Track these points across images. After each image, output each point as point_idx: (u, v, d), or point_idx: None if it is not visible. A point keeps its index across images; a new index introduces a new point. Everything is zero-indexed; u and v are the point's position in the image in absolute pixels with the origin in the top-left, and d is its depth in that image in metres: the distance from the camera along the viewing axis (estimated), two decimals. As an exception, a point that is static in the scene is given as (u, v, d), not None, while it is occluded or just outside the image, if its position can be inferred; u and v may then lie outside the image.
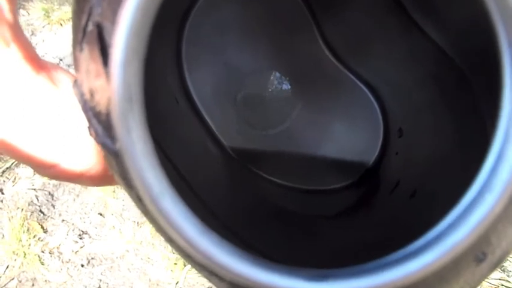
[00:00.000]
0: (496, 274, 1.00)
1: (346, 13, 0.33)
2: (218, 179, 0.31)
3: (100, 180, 0.20)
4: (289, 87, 0.35)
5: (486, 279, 0.99)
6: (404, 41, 0.30)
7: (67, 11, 1.36)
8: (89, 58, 0.14)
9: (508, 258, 1.04)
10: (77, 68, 0.16)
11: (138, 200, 0.14)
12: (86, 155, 0.18)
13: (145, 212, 0.15)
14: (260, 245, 0.20)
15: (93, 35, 0.14)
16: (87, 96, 0.15)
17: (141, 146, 0.12)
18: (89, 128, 0.15)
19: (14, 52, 0.17)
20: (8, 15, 0.17)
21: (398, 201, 0.28)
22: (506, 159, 0.12)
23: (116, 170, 0.15)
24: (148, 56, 0.13)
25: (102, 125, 0.14)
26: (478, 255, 0.15)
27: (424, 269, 0.12)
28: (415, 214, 0.25)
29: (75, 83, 0.16)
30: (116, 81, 0.11)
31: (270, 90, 0.35)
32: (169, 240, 0.15)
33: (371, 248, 0.19)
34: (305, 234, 0.28)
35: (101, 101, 0.14)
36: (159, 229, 0.15)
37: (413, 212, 0.26)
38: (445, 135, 0.27)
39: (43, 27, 1.33)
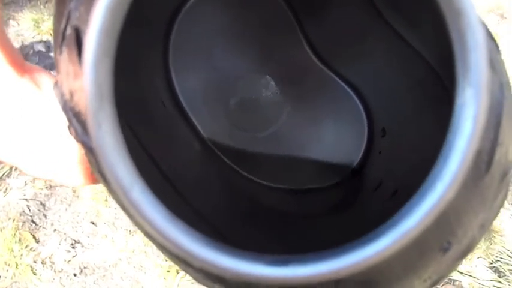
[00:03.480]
0: (488, 275, 1.01)
1: (329, 18, 0.34)
2: (206, 181, 0.32)
3: (85, 179, 0.21)
4: (277, 90, 0.36)
5: (478, 281, 0.99)
6: (385, 44, 0.31)
7: (57, 21, 1.36)
8: (68, 60, 0.15)
9: (499, 259, 1.04)
10: (57, 70, 0.16)
11: (114, 194, 0.15)
12: (66, 155, 0.19)
13: (121, 205, 0.15)
14: (245, 243, 0.21)
15: (71, 38, 0.15)
16: (67, 96, 0.15)
17: (111, 140, 0.12)
18: (69, 127, 0.16)
19: None
20: None
21: (381, 199, 0.29)
22: (456, 150, 0.13)
23: (94, 166, 0.15)
24: (135, 59, 0.13)
25: (81, 124, 0.15)
26: (443, 244, 0.15)
27: (380, 252, 0.13)
28: (395, 212, 0.26)
29: (56, 84, 0.16)
30: (88, 80, 0.12)
31: (257, 93, 0.36)
32: (146, 233, 0.15)
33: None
34: (289, 233, 0.29)
35: (79, 101, 0.14)
36: (136, 223, 0.15)
37: (395, 209, 0.26)
38: (426, 136, 0.27)
39: (33, 37, 1.33)
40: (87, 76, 0.12)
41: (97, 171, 0.16)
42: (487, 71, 0.12)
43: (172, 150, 0.31)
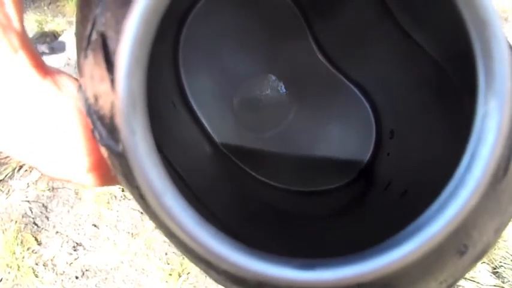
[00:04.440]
0: (491, 280, 1.01)
1: (338, 18, 0.34)
2: (214, 180, 0.32)
3: (102, 181, 0.21)
4: (284, 90, 0.36)
5: (481, 286, 0.99)
6: (395, 45, 0.31)
7: (60, 22, 1.37)
8: (93, 64, 0.15)
9: (503, 264, 1.04)
10: (81, 74, 0.16)
11: (140, 198, 0.15)
12: (86, 159, 0.19)
13: (147, 209, 0.15)
14: (256, 244, 0.21)
15: (97, 43, 0.15)
16: (92, 100, 0.16)
17: (144, 147, 0.13)
18: (93, 130, 0.16)
19: (22, 59, 0.18)
20: (16, 24, 0.18)
21: (389, 200, 0.29)
22: (479, 158, 0.13)
23: (119, 170, 0.16)
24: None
25: (106, 127, 0.15)
26: (460, 247, 0.16)
27: (404, 257, 0.13)
28: (405, 213, 0.26)
29: (80, 88, 0.17)
30: (121, 89, 0.12)
31: (265, 93, 0.36)
32: (170, 234, 0.16)
33: (361, 246, 0.20)
34: (299, 234, 0.29)
35: (104, 105, 0.15)
36: (160, 225, 0.16)
37: (403, 211, 0.26)
38: (436, 137, 0.27)
39: (36, 39, 1.33)
40: (120, 84, 0.12)
41: (121, 175, 0.16)
42: (511, 81, 0.12)
43: (183, 150, 0.31)
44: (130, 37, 0.12)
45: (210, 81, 0.34)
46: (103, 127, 0.15)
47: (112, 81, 0.14)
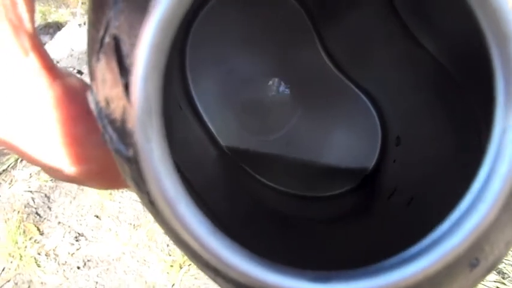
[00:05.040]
0: (492, 276, 1.01)
1: (345, 22, 0.34)
2: (218, 182, 0.32)
3: (108, 183, 0.21)
4: (289, 94, 0.36)
5: (482, 282, 1.00)
6: (402, 51, 0.31)
7: (64, 13, 1.36)
8: (105, 68, 0.15)
9: (503, 260, 1.05)
10: (92, 77, 0.16)
11: (150, 204, 0.15)
12: (92, 160, 0.19)
13: (156, 214, 0.15)
14: (258, 247, 0.21)
15: (110, 47, 0.14)
16: (103, 104, 0.15)
17: (159, 154, 0.13)
18: (103, 134, 0.16)
19: (33, 61, 0.17)
20: (27, 24, 0.17)
21: (395, 208, 0.29)
22: (498, 173, 0.13)
23: (128, 174, 0.15)
24: None
25: (116, 132, 0.15)
26: (471, 261, 0.16)
27: (420, 273, 0.13)
28: (412, 221, 0.26)
29: (91, 91, 0.16)
30: (137, 95, 0.12)
31: (270, 97, 0.36)
32: (178, 241, 0.15)
33: (367, 253, 0.20)
34: (302, 240, 0.29)
35: (116, 109, 0.14)
36: (169, 231, 0.15)
37: (410, 219, 0.26)
38: (442, 145, 0.27)
39: (40, 29, 1.33)
40: (136, 91, 0.12)
41: (131, 180, 0.16)
42: None
43: (188, 152, 0.31)
44: (147, 43, 0.12)
45: (216, 84, 0.34)
46: (114, 131, 0.15)
47: (124, 86, 0.14)
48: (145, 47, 0.12)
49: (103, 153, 0.18)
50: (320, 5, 0.35)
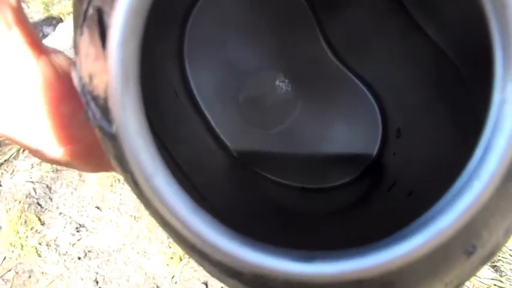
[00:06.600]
0: (489, 274, 1.01)
1: (348, 13, 0.34)
2: (219, 176, 0.32)
3: (94, 164, 0.20)
4: (290, 86, 0.35)
5: (479, 279, 0.99)
6: (404, 41, 0.31)
7: (67, 4, 1.36)
8: (88, 41, 0.15)
9: (501, 258, 1.04)
10: (76, 52, 0.16)
11: (134, 184, 0.14)
12: (84, 141, 0.19)
13: (141, 195, 0.15)
14: (256, 238, 0.21)
15: (93, 19, 0.14)
16: (86, 79, 0.15)
17: (135, 124, 0.12)
18: (86, 111, 0.15)
19: (16, 36, 0.17)
20: None
21: (395, 199, 0.28)
22: (495, 146, 0.12)
23: (112, 153, 0.15)
24: (148, 50, 0.13)
25: (99, 108, 0.14)
26: (468, 248, 0.15)
27: (411, 252, 0.12)
28: (411, 213, 0.26)
29: (74, 66, 0.16)
30: (113, 60, 0.12)
31: (271, 89, 0.36)
32: (164, 223, 0.15)
33: (363, 241, 0.20)
34: (304, 231, 0.29)
35: (99, 85, 0.14)
36: (154, 212, 0.15)
37: (409, 211, 0.26)
38: (443, 137, 0.27)
39: (42, 20, 1.32)
40: (112, 56, 0.12)
41: (115, 158, 0.15)
42: None
43: (184, 142, 0.31)
44: (124, 6, 0.12)
45: (215, 75, 0.34)
46: (97, 107, 0.15)
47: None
48: (122, 11, 0.12)
49: (88, 134, 0.18)
50: None
